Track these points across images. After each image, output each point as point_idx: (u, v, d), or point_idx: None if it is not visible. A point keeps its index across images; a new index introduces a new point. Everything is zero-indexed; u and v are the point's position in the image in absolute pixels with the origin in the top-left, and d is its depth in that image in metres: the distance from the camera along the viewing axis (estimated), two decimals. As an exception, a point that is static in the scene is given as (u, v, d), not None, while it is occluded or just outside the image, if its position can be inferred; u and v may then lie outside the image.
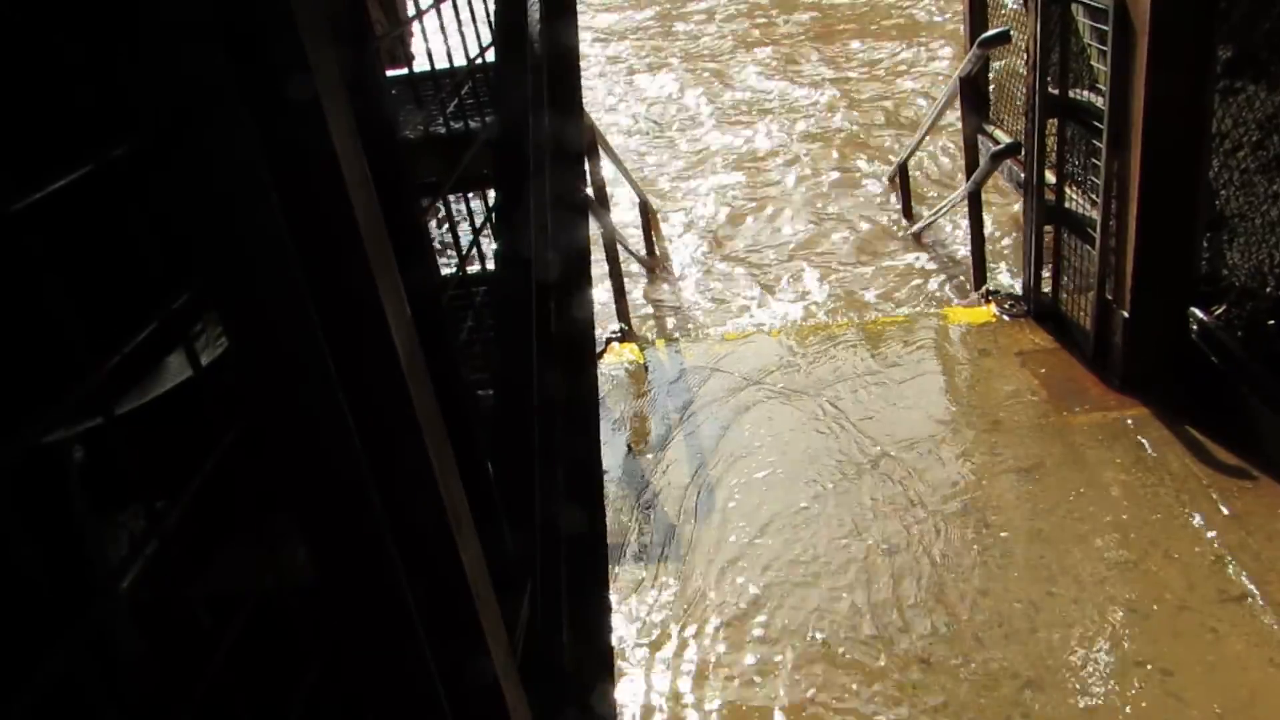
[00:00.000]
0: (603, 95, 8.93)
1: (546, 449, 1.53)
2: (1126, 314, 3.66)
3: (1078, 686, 2.67)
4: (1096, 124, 3.59)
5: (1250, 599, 2.84)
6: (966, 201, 4.94)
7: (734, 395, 4.19)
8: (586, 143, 4.42)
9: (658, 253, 6.19)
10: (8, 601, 0.69)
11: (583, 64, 2.20)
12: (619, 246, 5.04)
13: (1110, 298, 3.75)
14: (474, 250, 1.54)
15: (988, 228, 5.23)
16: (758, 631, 2.99)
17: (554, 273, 1.73)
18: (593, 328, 2.04)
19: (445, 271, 1.61)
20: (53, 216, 0.57)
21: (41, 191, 0.53)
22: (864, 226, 6.06)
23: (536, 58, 1.74)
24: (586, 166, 4.44)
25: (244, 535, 0.99)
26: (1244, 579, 2.91)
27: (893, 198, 6.31)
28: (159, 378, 0.82)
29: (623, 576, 3.29)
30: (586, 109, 4.10)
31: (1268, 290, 3.38)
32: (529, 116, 1.64)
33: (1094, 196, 3.74)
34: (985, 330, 4.42)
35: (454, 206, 1.64)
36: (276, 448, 0.74)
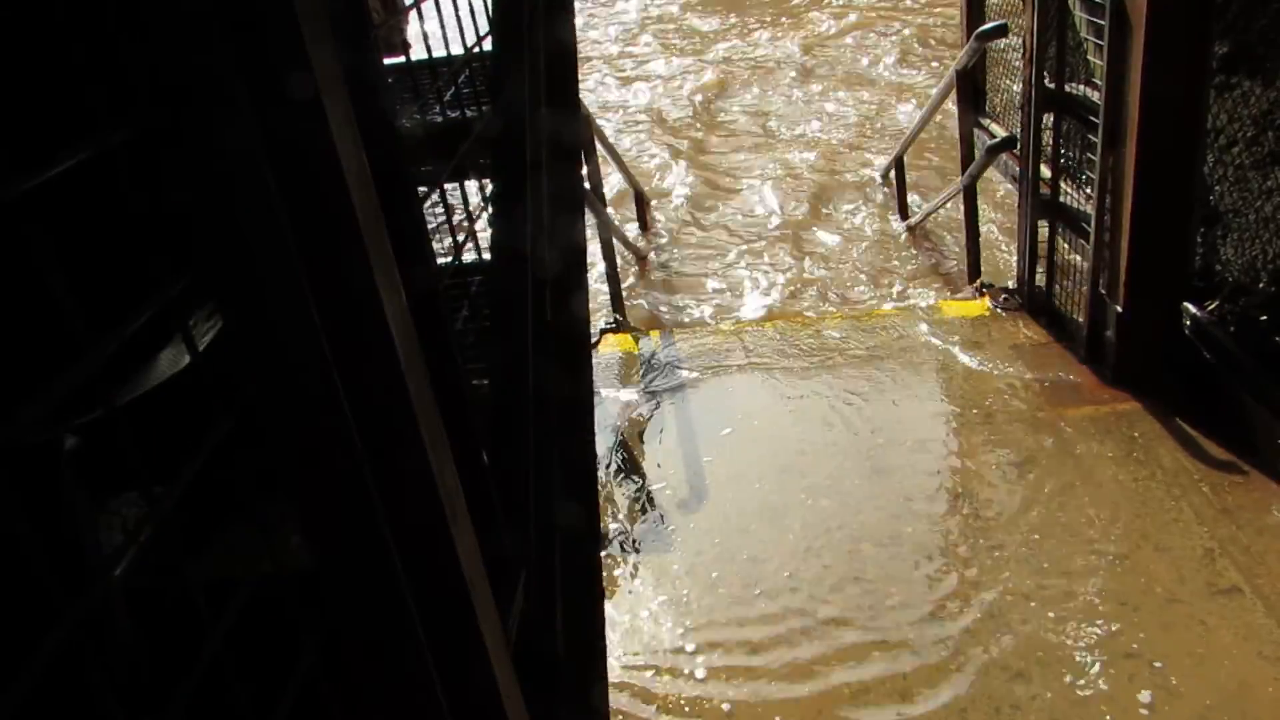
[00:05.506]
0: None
1: (542, 441, 1.54)
2: (1120, 308, 3.67)
3: (1068, 678, 2.68)
4: (1092, 119, 3.60)
5: (1240, 592, 2.86)
6: (962, 195, 4.95)
7: (727, 386, 4.19)
8: (584, 137, 4.42)
9: (652, 244, 6.19)
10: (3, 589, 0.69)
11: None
12: (614, 238, 5.04)
13: (1104, 292, 3.76)
14: (470, 240, 1.54)
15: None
16: (746, 620, 3.00)
17: (551, 269, 1.74)
18: (588, 323, 2.05)
19: (441, 260, 1.61)
20: (52, 203, 0.57)
21: (40, 177, 0.54)
22: (859, 219, 6.06)
23: (534, 55, 1.74)
24: (583, 160, 4.44)
25: (240, 521, 0.99)
26: (1234, 572, 2.93)
27: (889, 191, 6.32)
28: (154, 370, 0.82)
29: (612, 567, 3.30)
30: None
31: (1260, 286, 3.40)
32: (527, 114, 1.64)
33: (1089, 191, 3.75)
34: (979, 323, 4.43)
35: (449, 193, 1.64)
36: (273, 435, 0.74)
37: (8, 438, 0.51)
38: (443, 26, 1.62)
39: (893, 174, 6.25)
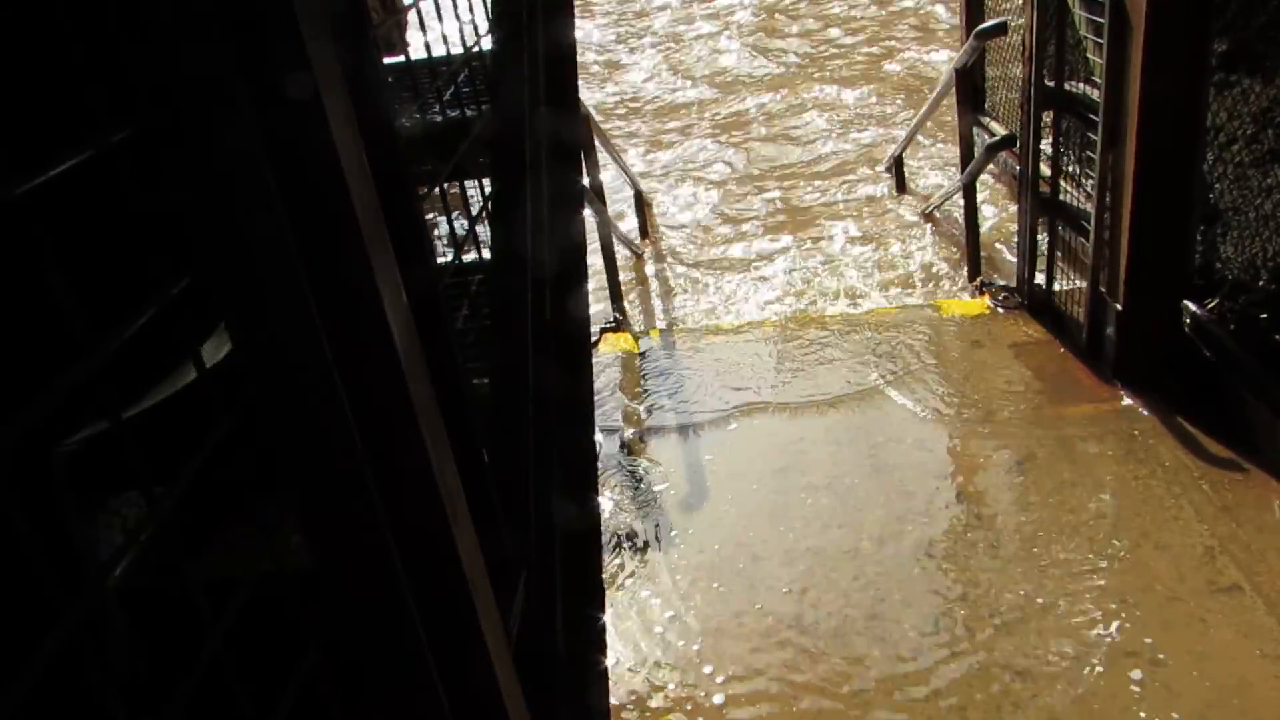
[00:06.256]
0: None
1: (542, 441, 1.54)
2: (1120, 306, 3.67)
3: (1067, 676, 2.69)
4: (1092, 117, 3.60)
5: (1240, 590, 2.86)
6: (962, 194, 4.94)
7: (727, 385, 4.20)
8: (584, 136, 4.42)
9: (652, 242, 6.19)
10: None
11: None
12: (614, 237, 5.04)
13: (1104, 290, 3.77)
14: (470, 239, 1.54)
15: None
16: (747, 620, 3.00)
17: (551, 269, 1.74)
18: (588, 322, 2.05)
19: (441, 259, 1.62)
20: (54, 204, 0.57)
21: (42, 176, 0.54)
22: (859, 217, 6.06)
23: (534, 54, 1.74)
24: (583, 159, 4.43)
25: (241, 521, 0.99)
26: (1234, 570, 2.93)
27: (889, 188, 6.32)
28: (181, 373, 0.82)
29: (612, 565, 3.31)
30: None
31: (1260, 283, 3.40)
32: (526, 114, 1.64)
33: (1089, 189, 3.75)
34: (979, 322, 4.43)
35: (449, 193, 1.64)
36: (274, 435, 0.74)
37: (21, 439, 0.51)
38: (442, 25, 1.62)
39: (893, 171, 6.26)
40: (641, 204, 6.29)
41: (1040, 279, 4.32)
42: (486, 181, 1.68)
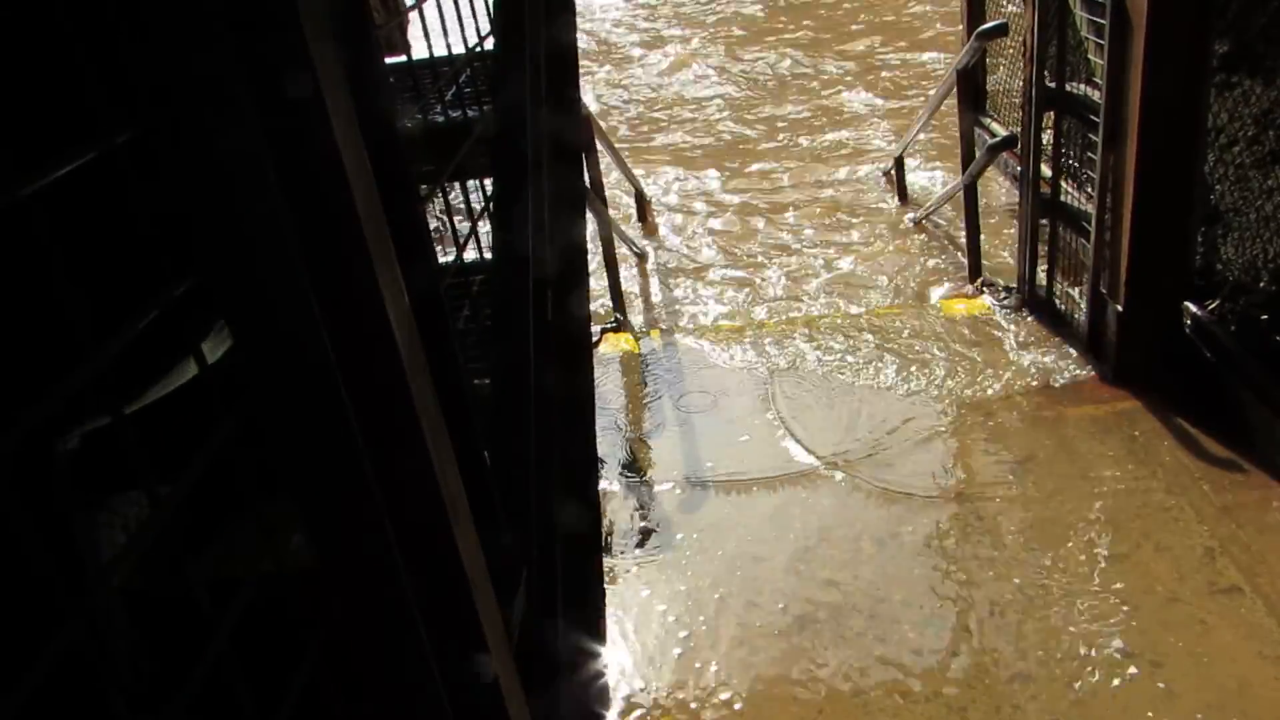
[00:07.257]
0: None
1: (543, 441, 1.54)
2: (1120, 307, 3.67)
3: (1067, 678, 2.68)
4: (1093, 118, 3.60)
5: (1240, 591, 2.86)
6: (963, 194, 4.94)
7: (728, 385, 4.20)
8: (584, 137, 4.41)
9: (653, 242, 6.19)
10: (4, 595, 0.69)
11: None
12: (615, 237, 5.04)
13: (1104, 291, 3.76)
14: (471, 239, 1.55)
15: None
16: (747, 616, 3.00)
17: (552, 269, 1.74)
18: (589, 322, 2.05)
19: (443, 259, 1.62)
20: (57, 205, 0.57)
21: (46, 178, 0.54)
22: (859, 217, 6.07)
23: (535, 55, 1.74)
24: (584, 159, 4.43)
25: (243, 521, 0.99)
26: (1234, 571, 2.93)
27: (890, 189, 6.32)
28: (182, 370, 0.82)
29: (614, 567, 3.30)
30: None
31: (1261, 285, 3.39)
32: (528, 114, 1.64)
33: (1089, 190, 3.75)
34: (980, 322, 4.43)
35: (451, 193, 1.64)
36: (276, 435, 0.74)
37: (22, 439, 0.51)
38: (444, 25, 1.62)
39: (894, 172, 6.26)
40: (642, 203, 6.30)
41: (1041, 279, 4.32)
42: (488, 181, 1.68)
